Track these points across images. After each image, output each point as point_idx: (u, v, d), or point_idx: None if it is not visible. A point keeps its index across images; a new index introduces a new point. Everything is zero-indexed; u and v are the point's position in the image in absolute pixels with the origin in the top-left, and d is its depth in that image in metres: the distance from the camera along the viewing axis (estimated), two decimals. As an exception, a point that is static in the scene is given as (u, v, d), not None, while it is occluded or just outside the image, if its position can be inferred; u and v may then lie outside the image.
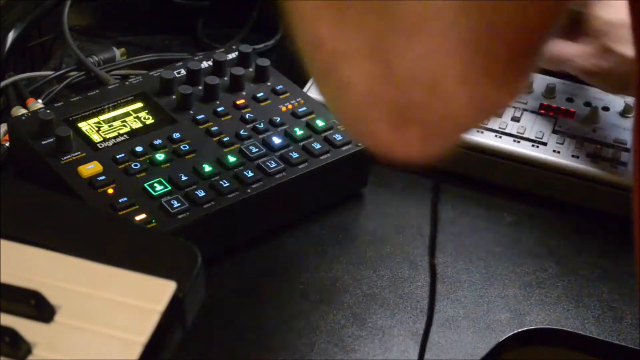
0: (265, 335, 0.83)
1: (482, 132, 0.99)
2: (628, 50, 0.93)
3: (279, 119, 0.95)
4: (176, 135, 0.91)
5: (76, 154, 0.88)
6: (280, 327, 0.83)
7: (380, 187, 0.99)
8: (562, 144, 0.98)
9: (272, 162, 0.90)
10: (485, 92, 0.49)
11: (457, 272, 0.91)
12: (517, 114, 1.01)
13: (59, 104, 0.94)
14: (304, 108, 0.97)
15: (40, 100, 1.00)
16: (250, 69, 1.00)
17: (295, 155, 0.91)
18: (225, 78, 0.99)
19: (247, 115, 0.95)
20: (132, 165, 0.88)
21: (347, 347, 0.83)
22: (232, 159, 0.90)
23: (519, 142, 0.98)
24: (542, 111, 1.02)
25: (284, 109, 0.97)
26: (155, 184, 0.86)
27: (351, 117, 0.52)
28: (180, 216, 0.84)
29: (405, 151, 0.52)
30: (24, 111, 0.96)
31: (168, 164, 0.89)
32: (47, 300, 0.59)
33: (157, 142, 0.91)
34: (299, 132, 0.93)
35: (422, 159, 0.52)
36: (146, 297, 0.60)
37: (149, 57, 1.10)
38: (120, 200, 0.84)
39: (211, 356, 0.81)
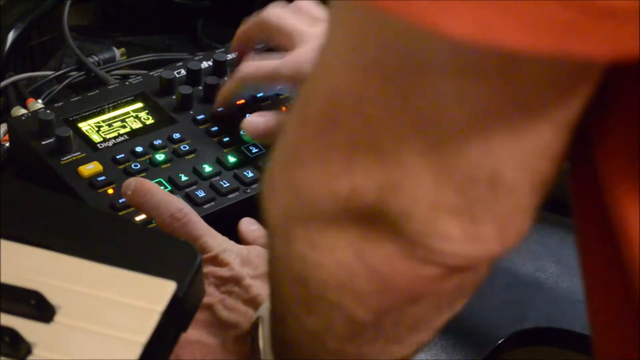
0: (265, 335, 0.83)
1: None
2: None
3: (279, 119, 0.95)
4: (176, 136, 0.91)
5: (76, 154, 0.88)
6: (280, 327, 0.83)
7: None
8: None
9: (272, 162, 0.90)
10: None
11: (457, 272, 0.90)
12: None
13: (59, 104, 0.94)
14: (304, 108, 0.96)
15: (40, 100, 1.00)
16: (250, 69, 1.00)
17: (295, 155, 0.91)
18: (225, 78, 0.99)
19: (247, 115, 0.95)
20: (132, 166, 0.88)
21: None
22: (232, 159, 0.90)
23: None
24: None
25: (284, 109, 0.96)
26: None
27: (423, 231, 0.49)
28: (180, 216, 0.84)
29: (483, 251, 0.50)
30: (24, 111, 0.96)
31: (168, 164, 0.89)
32: (47, 300, 0.59)
33: (157, 142, 0.91)
34: (299, 132, 0.93)
35: (502, 253, 0.51)
36: (146, 297, 0.60)
37: (149, 57, 1.10)
38: (120, 200, 0.84)
39: (211, 356, 0.81)
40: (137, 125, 0.93)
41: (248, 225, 0.82)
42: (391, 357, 0.59)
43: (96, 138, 0.91)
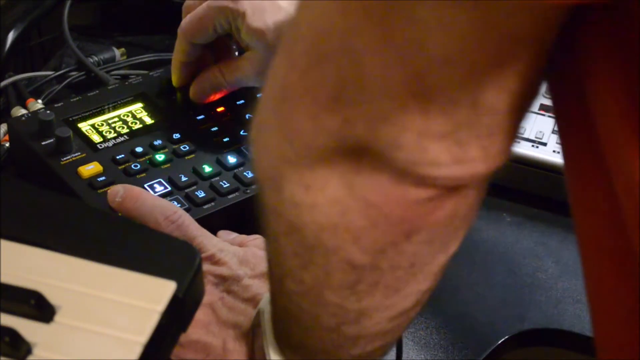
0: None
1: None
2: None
3: (279, 119, 0.95)
4: (176, 136, 0.91)
5: (76, 154, 0.88)
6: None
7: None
8: (562, 144, 0.98)
9: (272, 162, 0.90)
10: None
11: (457, 272, 0.91)
12: (517, 114, 1.01)
13: (59, 104, 0.94)
14: (304, 108, 0.96)
15: (40, 101, 1.00)
16: (250, 69, 1.00)
17: (295, 155, 0.91)
18: (225, 78, 0.99)
19: (247, 116, 0.95)
20: (132, 166, 0.88)
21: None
22: (232, 159, 0.90)
23: (518, 142, 0.98)
24: (542, 111, 1.02)
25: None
26: (155, 185, 0.86)
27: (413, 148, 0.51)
28: (180, 216, 0.84)
29: (470, 171, 0.52)
30: (24, 111, 0.96)
31: (168, 165, 0.89)
32: (47, 300, 0.59)
33: (157, 142, 0.91)
34: (299, 132, 0.93)
35: (487, 173, 0.53)
36: (146, 297, 0.60)
37: (149, 57, 1.10)
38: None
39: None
40: (137, 125, 0.93)
41: (226, 236, 0.82)
42: (393, 312, 0.59)
43: (96, 138, 0.91)
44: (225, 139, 0.92)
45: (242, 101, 0.97)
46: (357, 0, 0.47)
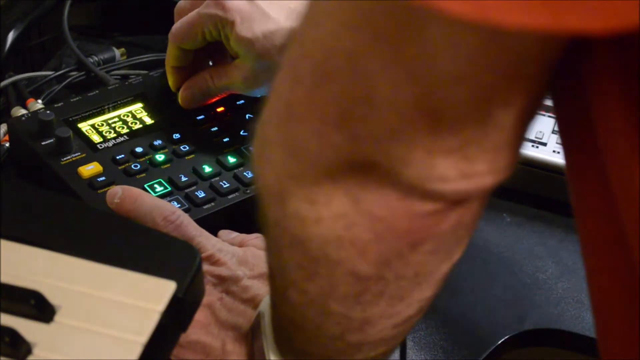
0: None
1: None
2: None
3: (279, 119, 0.95)
4: (176, 136, 0.91)
5: (76, 154, 0.88)
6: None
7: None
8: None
9: (272, 162, 0.90)
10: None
11: (457, 272, 0.90)
12: (517, 114, 1.01)
13: (59, 104, 0.94)
14: (304, 108, 0.96)
15: (40, 101, 1.00)
16: (250, 69, 1.00)
17: (295, 155, 0.91)
18: (225, 78, 0.99)
19: (247, 116, 0.95)
20: (132, 166, 0.88)
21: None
22: (232, 159, 0.90)
23: (519, 142, 0.98)
24: (542, 111, 1.02)
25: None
26: (155, 185, 0.86)
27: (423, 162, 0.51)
28: (180, 216, 0.84)
29: (477, 185, 0.52)
30: (24, 111, 0.96)
31: (168, 165, 0.89)
32: (47, 300, 0.59)
33: (157, 142, 0.91)
34: (299, 132, 0.93)
35: (494, 186, 0.53)
36: (146, 297, 0.60)
37: (149, 57, 1.10)
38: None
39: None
40: (137, 125, 0.93)
41: (227, 236, 0.82)
42: (397, 320, 0.59)
43: (96, 138, 0.91)
44: (225, 139, 0.92)
45: (242, 101, 0.97)
46: (365, 20, 0.47)
